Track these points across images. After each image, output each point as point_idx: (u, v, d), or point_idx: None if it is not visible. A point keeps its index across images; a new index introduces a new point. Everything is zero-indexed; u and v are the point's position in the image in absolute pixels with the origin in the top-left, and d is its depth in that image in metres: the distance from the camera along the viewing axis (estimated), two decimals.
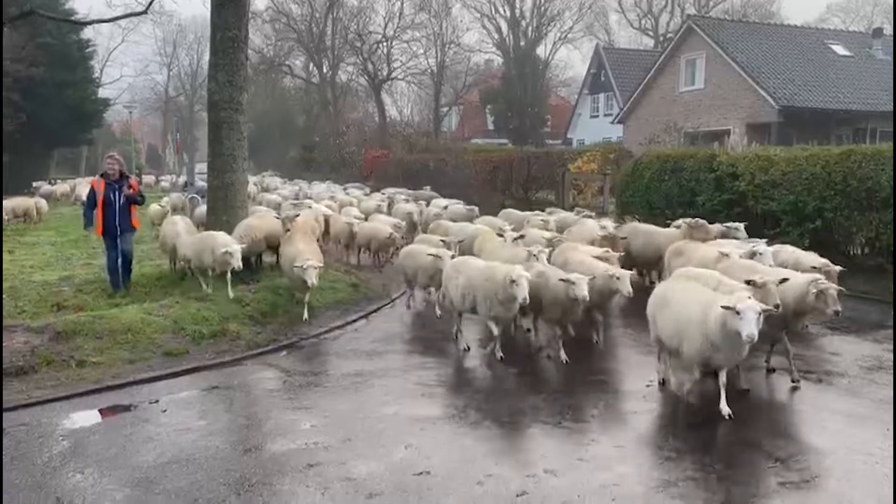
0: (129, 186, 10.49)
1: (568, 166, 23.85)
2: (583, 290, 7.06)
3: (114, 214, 10.30)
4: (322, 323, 9.33)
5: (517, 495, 4.64)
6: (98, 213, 10.38)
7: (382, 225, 13.70)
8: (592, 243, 10.36)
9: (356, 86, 57.63)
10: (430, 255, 9.30)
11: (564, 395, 6.73)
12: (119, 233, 10.37)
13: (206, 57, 13.22)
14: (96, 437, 5.69)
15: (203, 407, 6.42)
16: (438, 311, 9.71)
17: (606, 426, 5.87)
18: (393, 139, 44.07)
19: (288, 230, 11.35)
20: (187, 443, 5.54)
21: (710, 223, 12.35)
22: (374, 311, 10.16)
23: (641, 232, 11.66)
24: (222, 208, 11.56)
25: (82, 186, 29.33)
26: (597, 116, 44.42)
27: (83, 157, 57.22)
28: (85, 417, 6.13)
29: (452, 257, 9.14)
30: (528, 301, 7.03)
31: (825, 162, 12.36)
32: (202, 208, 14.47)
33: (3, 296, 9.57)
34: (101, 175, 10.58)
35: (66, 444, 5.53)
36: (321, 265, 9.22)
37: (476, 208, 16.70)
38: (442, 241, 10.73)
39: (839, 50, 29.32)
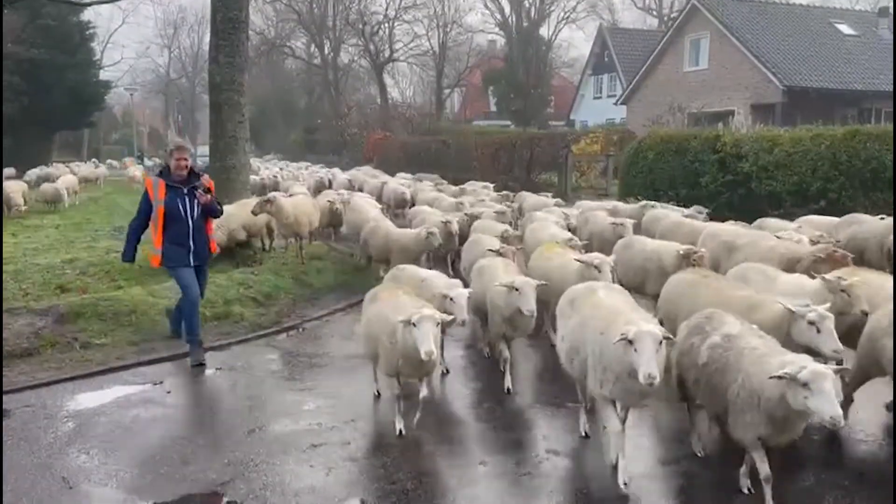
0: (206, 189, 6.82)
1: (571, 148, 23.73)
2: (834, 409, 3.58)
3: (186, 234, 6.72)
4: (325, 305, 9.34)
5: (520, 475, 4.66)
6: (156, 233, 6.75)
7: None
8: (789, 268, 6.51)
9: (358, 67, 57.37)
10: (580, 260, 6.67)
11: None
12: (194, 262, 6.86)
13: (207, 38, 13.15)
14: (101, 419, 5.72)
15: (207, 388, 6.45)
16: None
17: None
18: (395, 121, 43.92)
19: (265, 211, 10.18)
20: (192, 424, 5.58)
21: (713, 205, 12.34)
22: None
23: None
24: (224, 191, 11.55)
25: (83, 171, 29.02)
26: (600, 97, 44.13)
27: (85, 140, 57.07)
28: (90, 399, 6.15)
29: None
30: (654, 379, 3.88)
31: (830, 142, 12.31)
32: None
33: (7, 279, 9.60)
34: (160, 174, 6.88)
35: (72, 425, 5.56)
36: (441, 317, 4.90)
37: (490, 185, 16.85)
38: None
39: (845, 29, 29.05)
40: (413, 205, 14.62)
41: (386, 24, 51.18)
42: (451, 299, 5.49)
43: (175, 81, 74.00)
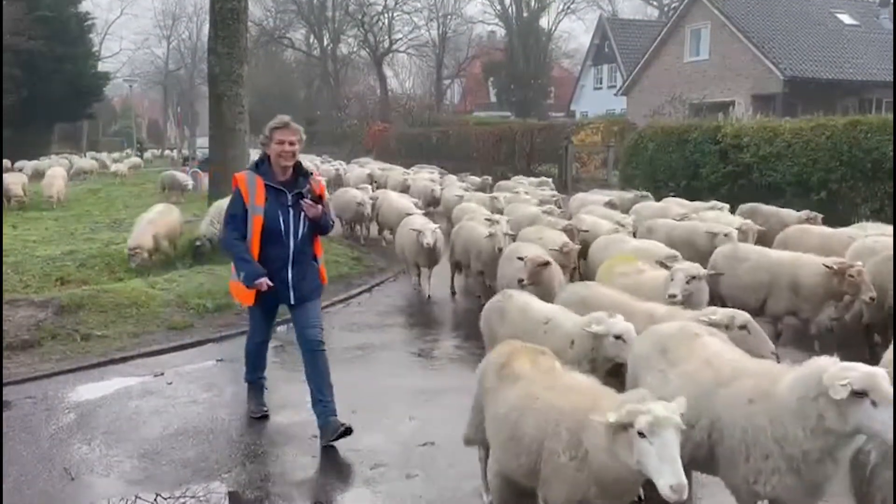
0: (316, 196, 4.84)
1: (571, 139, 23.70)
2: None
3: (284, 260, 4.81)
4: (324, 297, 9.30)
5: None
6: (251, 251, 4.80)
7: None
8: None
9: (357, 58, 57.20)
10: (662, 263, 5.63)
11: None
12: (294, 299, 4.93)
13: (206, 29, 13.11)
14: (102, 410, 5.72)
15: (208, 379, 6.45)
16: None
17: None
18: (395, 112, 43.85)
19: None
20: (193, 415, 5.58)
21: (713, 196, 12.30)
22: (377, 284, 10.17)
23: None
24: (224, 182, 11.54)
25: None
26: (600, 88, 43.96)
27: (84, 132, 57.00)
28: (91, 390, 6.15)
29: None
30: None
31: (830, 132, 12.29)
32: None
33: (8, 270, 9.60)
34: (256, 167, 4.88)
35: (73, 417, 5.57)
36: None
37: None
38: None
39: (846, 19, 28.95)
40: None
41: (385, 15, 51.12)
42: (620, 338, 3.90)
43: (174, 73, 73.70)
